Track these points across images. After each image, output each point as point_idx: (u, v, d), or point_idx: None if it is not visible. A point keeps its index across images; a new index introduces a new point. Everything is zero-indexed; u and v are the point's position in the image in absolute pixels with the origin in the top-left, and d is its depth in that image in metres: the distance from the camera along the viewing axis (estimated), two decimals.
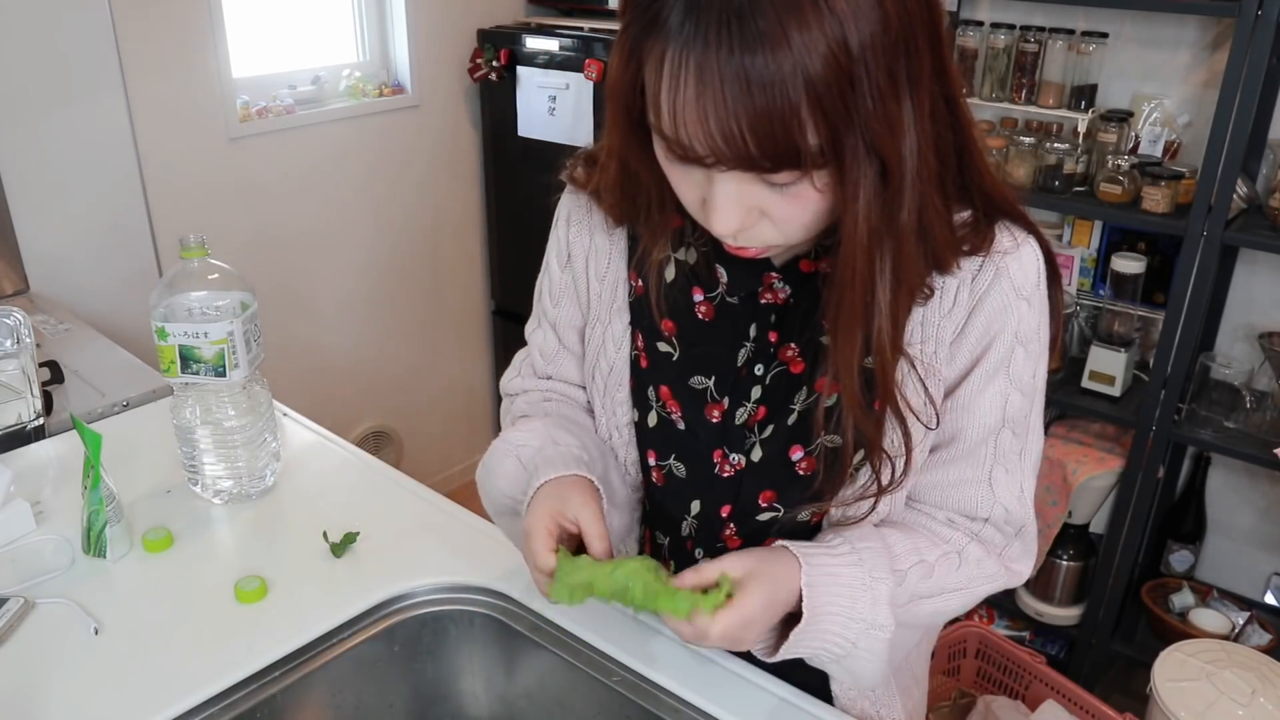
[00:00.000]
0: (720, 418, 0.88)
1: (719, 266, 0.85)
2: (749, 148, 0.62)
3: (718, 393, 0.88)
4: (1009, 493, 0.85)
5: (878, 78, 0.63)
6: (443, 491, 1.29)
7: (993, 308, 0.79)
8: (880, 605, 0.79)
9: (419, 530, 1.19)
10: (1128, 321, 2.15)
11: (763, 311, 0.85)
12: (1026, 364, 0.82)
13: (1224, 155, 1.88)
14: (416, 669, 1.09)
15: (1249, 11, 1.79)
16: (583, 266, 0.93)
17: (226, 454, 1.21)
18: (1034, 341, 0.82)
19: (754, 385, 0.86)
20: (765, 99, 0.60)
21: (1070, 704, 1.74)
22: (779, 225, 0.71)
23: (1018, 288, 0.79)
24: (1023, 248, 0.79)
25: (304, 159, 2.51)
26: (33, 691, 0.94)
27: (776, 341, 0.85)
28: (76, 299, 2.03)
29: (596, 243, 0.92)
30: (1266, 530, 2.31)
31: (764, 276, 0.84)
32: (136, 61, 2.11)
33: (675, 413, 0.90)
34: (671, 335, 0.88)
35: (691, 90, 0.62)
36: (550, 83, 2.64)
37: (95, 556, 1.11)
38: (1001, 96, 2.24)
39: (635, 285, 0.90)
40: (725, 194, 0.68)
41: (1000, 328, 0.80)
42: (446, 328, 3.04)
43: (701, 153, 0.64)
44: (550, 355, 0.99)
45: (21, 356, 1.44)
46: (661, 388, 0.90)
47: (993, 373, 0.81)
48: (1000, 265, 0.78)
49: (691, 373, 0.88)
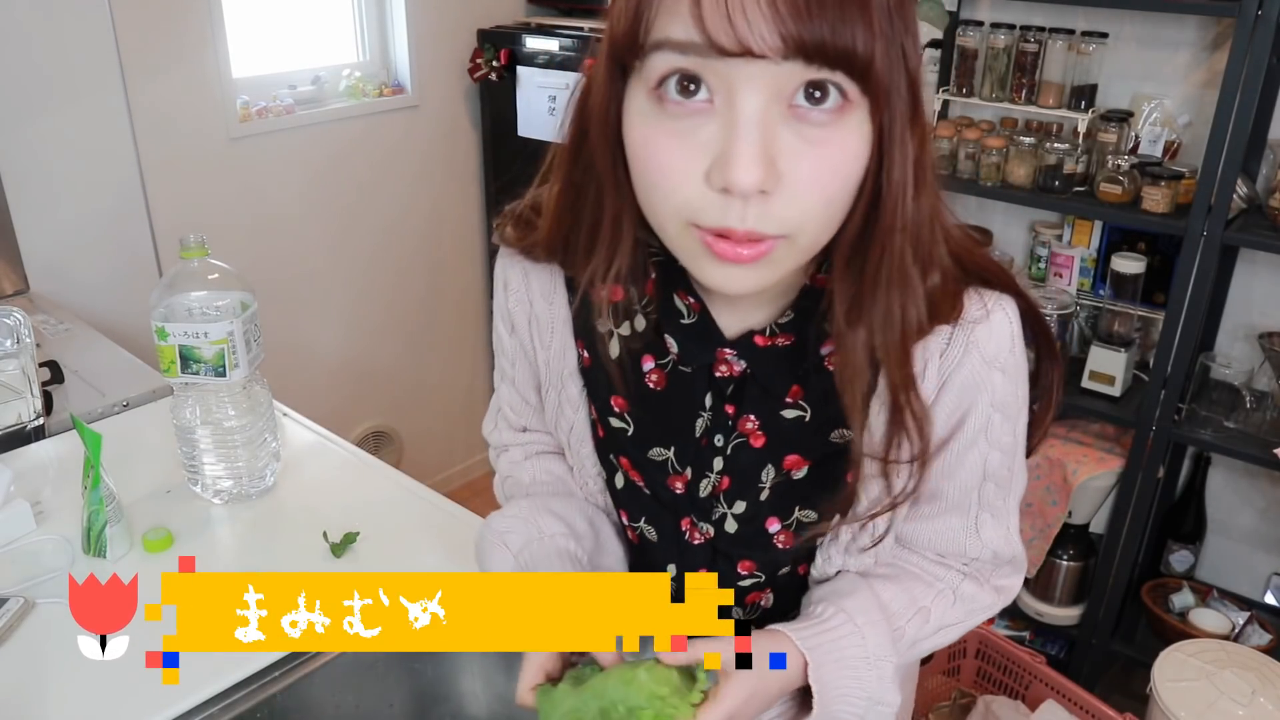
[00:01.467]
0: (684, 489, 0.84)
1: (668, 338, 0.78)
2: (819, 24, 0.57)
3: (679, 464, 0.83)
4: (995, 536, 0.83)
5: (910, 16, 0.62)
6: (443, 491, 1.29)
7: (963, 383, 0.75)
8: (886, 683, 0.77)
9: (419, 530, 1.19)
10: (1128, 321, 2.15)
11: (717, 383, 0.79)
12: (1005, 426, 0.78)
13: (1224, 155, 1.88)
14: (416, 669, 1.09)
15: (1249, 11, 1.79)
16: (527, 335, 0.88)
17: (226, 454, 1.21)
18: (1011, 405, 0.78)
19: (715, 456, 0.82)
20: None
21: (1070, 704, 1.74)
22: (800, 195, 0.62)
23: (989, 359, 0.75)
24: (993, 315, 0.74)
25: (304, 159, 2.52)
26: (33, 691, 0.94)
27: (734, 413, 0.80)
28: (76, 299, 2.03)
29: (537, 311, 0.86)
30: (1266, 530, 2.31)
31: (717, 351, 0.77)
32: (136, 61, 2.11)
33: (639, 481, 0.87)
34: (624, 411, 0.84)
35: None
36: (550, 83, 2.64)
37: (95, 556, 1.11)
38: (1001, 96, 2.24)
39: (583, 355, 0.85)
40: (749, 126, 0.59)
41: (973, 401, 0.76)
42: (446, 328, 3.04)
43: (761, 34, 0.57)
44: (519, 409, 0.95)
45: (21, 356, 1.44)
46: (621, 459, 0.87)
47: (970, 443, 0.78)
48: (971, 337, 0.74)
49: (650, 444, 0.84)
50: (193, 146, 2.28)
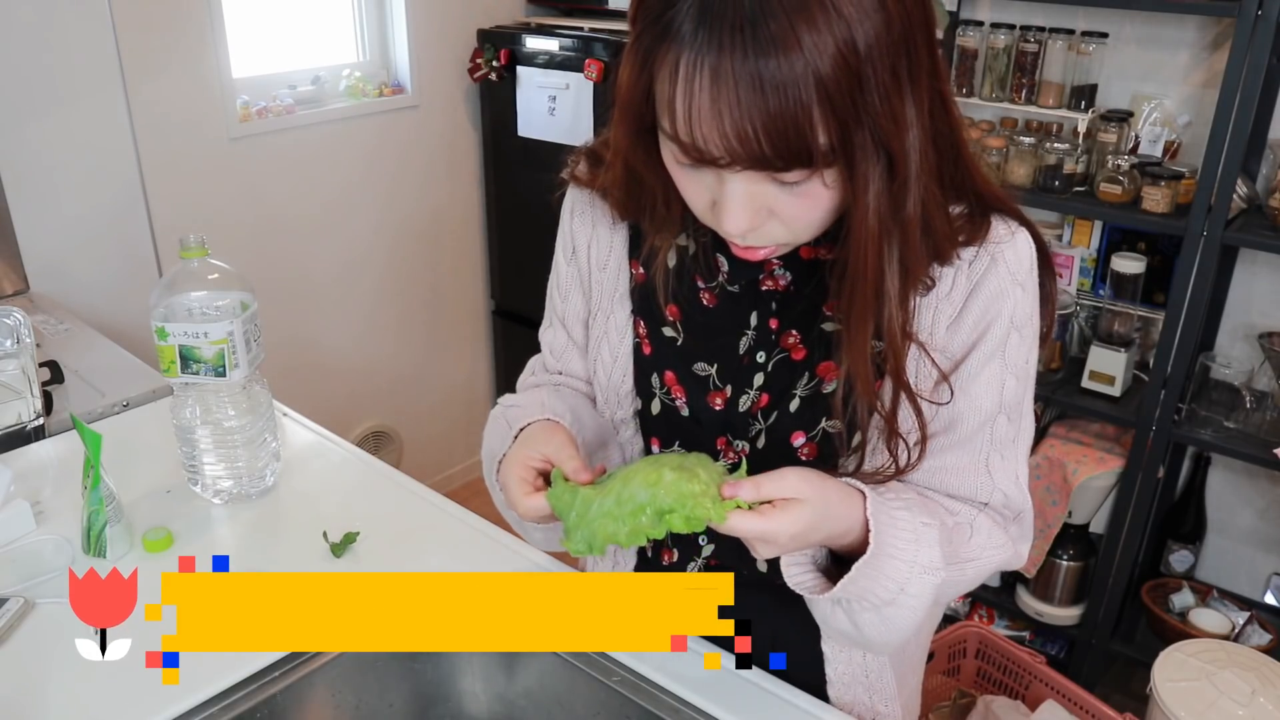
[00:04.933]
0: (723, 405, 0.89)
1: (719, 256, 0.87)
2: (763, 148, 0.64)
3: (720, 380, 0.89)
4: (1006, 478, 0.86)
5: (883, 75, 0.65)
6: (443, 491, 1.29)
7: (989, 293, 0.81)
8: (932, 546, 0.78)
9: (419, 530, 1.19)
10: (1128, 321, 2.15)
11: (763, 299, 0.87)
12: (1021, 348, 0.83)
13: (1224, 155, 1.88)
14: (416, 669, 1.09)
15: (1249, 11, 1.79)
16: (585, 257, 0.95)
17: (226, 454, 1.21)
18: (1028, 326, 0.83)
19: (756, 373, 0.88)
20: (779, 100, 0.63)
21: (1070, 704, 1.74)
22: (788, 224, 0.73)
23: (1013, 273, 0.81)
24: (1017, 236, 0.82)
25: (304, 159, 2.52)
26: (33, 691, 0.94)
27: (777, 329, 0.86)
28: (76, 299, 2.03)
29: (599, 233, 0.93)
30: (1266, 530, 2.31)
31: (764, 264, 0.85)
32: (136, 61, 2.11)
33: (680, 399, 0.91)
34: (676, 320, 0.90)
35: (706, 94, 0.64)
36: (550, 83, 2.64)
37: (95, 556, 1.11)
38: (1001, 96, 2.24)
39: (636, 274, 0.92)
40: (736, 195, 0.70)
41: (996, 313, 0.81)
42: (447, 328, 3.04)
43: (716, 154, 0.66)
44: (560, 352, 1.01)
45: (21, 356, 1.44)
46: (666, 373, 0.91)
47: (989, 357, 0.82)
48: (995, 253, 0.81)
49: (695, 359, 0.90)
50: (193, 146, 2.28)
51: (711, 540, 0.94)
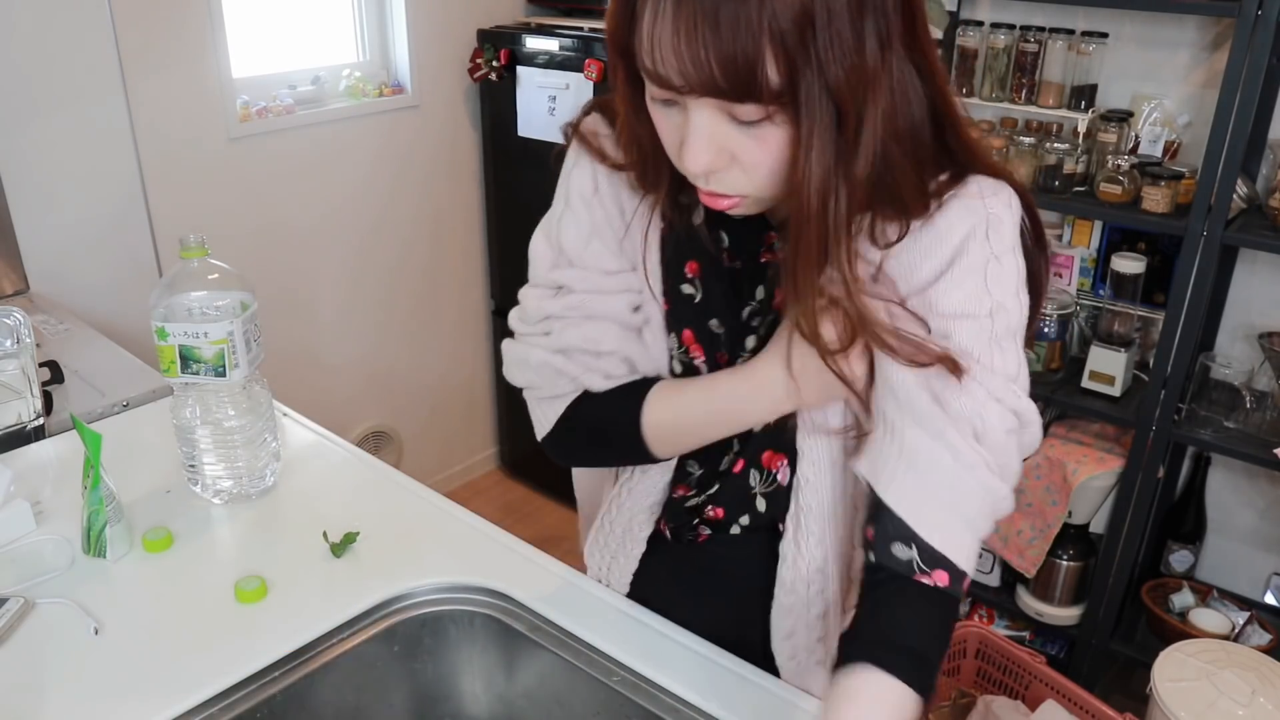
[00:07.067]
0: (725, 365, 0.92)
1: (720, 232, 0.89)
2: (714, 75, 0.67)
3: (725, 341, 0.92)
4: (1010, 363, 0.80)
5: (840, 28, 0.67)
6: (443, 491, 1.29)
7: (961, 232, 0.78)
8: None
9: (419, 530, 1.19)
10: (1128, 321, 2.15)
11: (762, 270, 0.89)
12: (1002, 278, 0.79)
13: (1224, 155, 1.88)
14: (416, 669, 1.09)
15: (1249, 11, 1.79)
16: (614, 201, 0.90)
17: (226, 454, 1.21)
18: (1009, 256, 0.79)
19: (749, 335, 0.90)
20: (731, 34, 0.66)
21: (1070, 704, 1.74)
22: (747, 170, 0.74)
23: (989, 210, 0.78)
24: (1000, 192, 0.79)
25: (304, 159, 2.52)
26: (33, 691, 0.94)
27: (780, 300, 0.88)
28: (76, 299, 2.03)
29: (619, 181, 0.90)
30: (1266, 530, 2.31)
31: (764, 236, 0.88)
32: (136, 61, 2.11)
33: (699, 357, 0.93)
34: (696, 276, 0.91)
35: (669, 21, 0.68)
36: (550, 83, 2.64)
37: (95, 556, 1.11)
38: (1001, 96, 2.24)
39: (662, 226, 0.90)
40: (698, 129, 0.72)
41: (970, 230, 0.78)
42: (447, 328, 3.04)
43: (674, 79, 0.69)
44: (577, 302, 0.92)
45: (21, 356, 1.44)
46: (685, 331, 0.92)
47: (964, 275, 0.78)
48: (976, 200, 0.78)
49: (709, 316, 0.92)
50: (193, 146, 2.28)
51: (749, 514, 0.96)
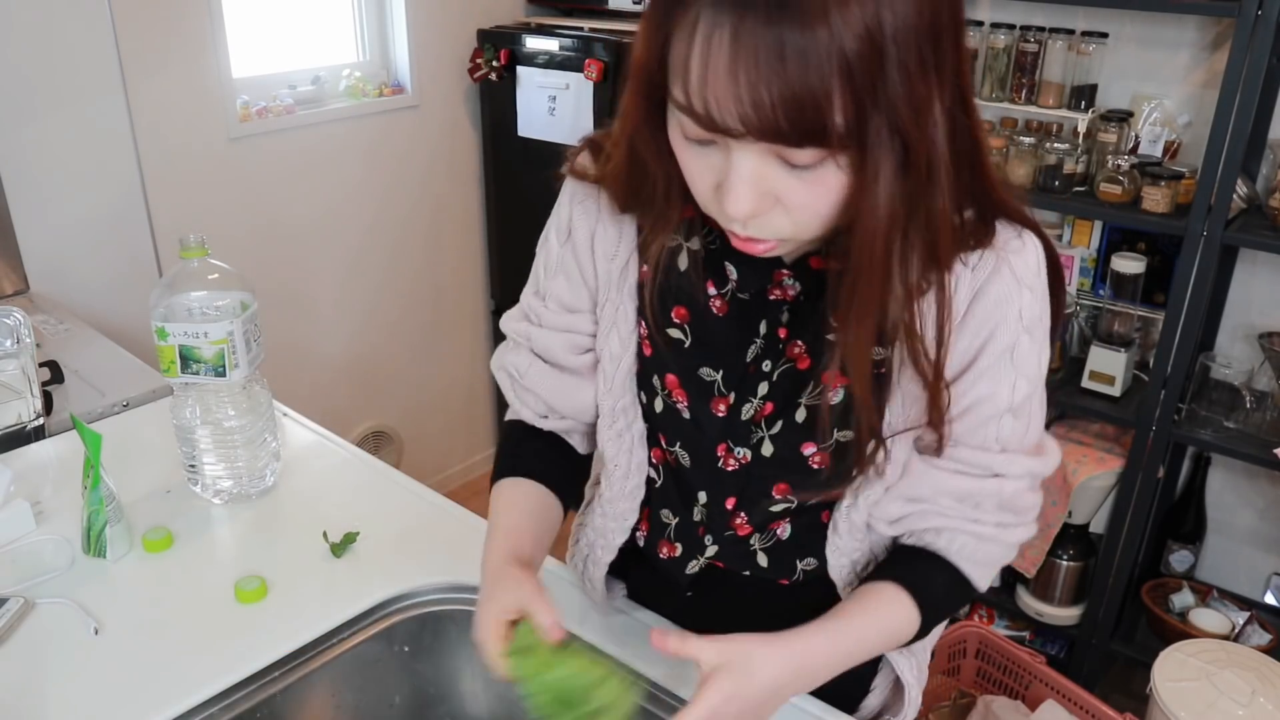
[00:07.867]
0: (726, 412, 0.88)
1: (728, 264, 0.85)
2: (778, 119, 0.62)
3: (725, 387, 0.88)
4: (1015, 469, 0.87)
5: (908, 62, 0.63)
6: (443, 491, 1.29)
7: (994, 297, 0.79)
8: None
9: (419, 530, 1.19)
10: (1128, 321, 2.15)
11: (773, 308, 0.85)
12: (1031, 351, 0.82)
13: (1224, 155, 1.88)
14: (416, 669, 1.09)
15: (1249, 11, 1.79)
16: (586, 245, 0.92)
17: (226, 454, 1.21)
18: (1038, 328, 0.82)
19: (761, 381, 0.86)
20: (799, 71, 0.60)
21: (1070, 704, 1.74)
22: (793, 213, 0.69)
23: (1019, 276, 0.79)
24: (1025, 240, 0.80)
25: (304, 159, 2.51)
26: (33, 691, 0.94)
27: (785, 338, 0.85)
28: (76, 299, 2.03)
29: (605, 224, 0.91)
30: (1266, 530, 2.31)
31: (774, 274, 0.84)
32: (136, 61, 2.11)
33: (681, 402, 0.90)
34: (684, 322, 0.88)
35: (725, 56, 0.61)
36: (550, 83, 2.64)
37: (95, 556, 1.11)
38: (1001, 96, 2.24)
39: (642, 270, 0.90)
40: (743, 173, 0.67)
41: (1002, 316, 0.80)
42: (446, 328, 3.04)
43: (729, 123, 0.63)
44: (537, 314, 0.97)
45: (21, 356, 1.44)
46: (668, 376, 0.90)
47: (996, 358, 0.81)
48: (1001, 255, 0.79)
49: (700, 363, 0.88)
50: (193, 146, 2.28)
51: (715, 542, 0.94)
